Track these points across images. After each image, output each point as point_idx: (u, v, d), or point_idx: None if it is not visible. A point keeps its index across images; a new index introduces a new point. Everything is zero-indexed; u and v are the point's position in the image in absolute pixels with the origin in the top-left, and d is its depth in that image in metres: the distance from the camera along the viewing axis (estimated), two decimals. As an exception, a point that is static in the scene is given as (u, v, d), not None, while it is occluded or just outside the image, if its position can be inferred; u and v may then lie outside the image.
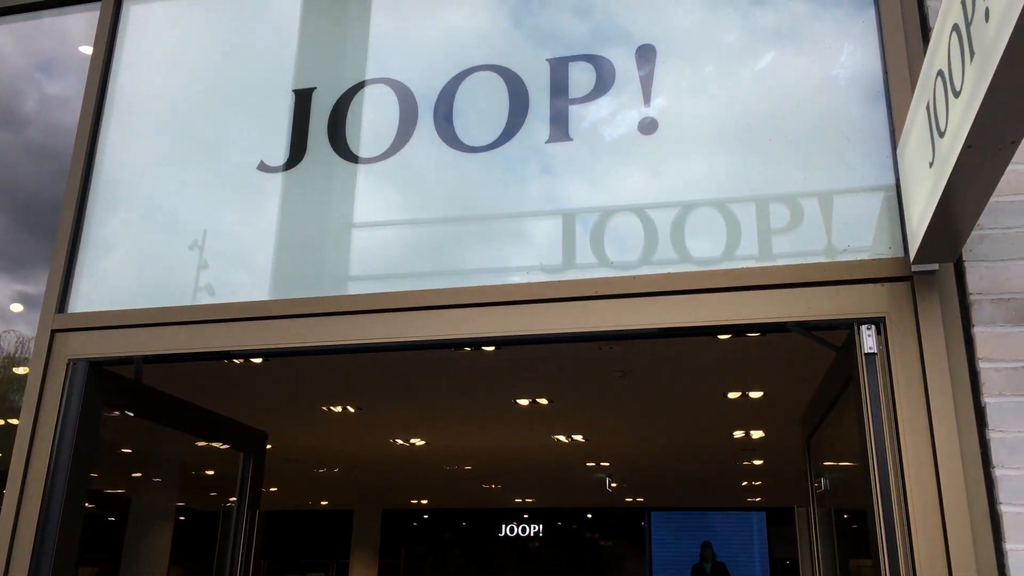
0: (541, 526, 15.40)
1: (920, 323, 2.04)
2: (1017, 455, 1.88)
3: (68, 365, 2.52)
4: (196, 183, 2.71)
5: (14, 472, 2.50)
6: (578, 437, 8.84)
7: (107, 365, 2.58)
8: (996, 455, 1.89)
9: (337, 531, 13.74)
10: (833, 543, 2.82)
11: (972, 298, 2.02)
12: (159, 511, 9.35)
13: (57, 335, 2.55)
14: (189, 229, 2.66)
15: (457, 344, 2.60)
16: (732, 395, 7.05)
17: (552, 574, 15.26)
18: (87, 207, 2.75)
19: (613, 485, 11.39)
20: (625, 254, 2.38)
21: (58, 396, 2.52)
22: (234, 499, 3.45)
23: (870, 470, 2.01)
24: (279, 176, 2.66)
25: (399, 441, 9.23)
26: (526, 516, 15.39)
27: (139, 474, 9.93)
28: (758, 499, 13.18)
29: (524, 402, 7.45)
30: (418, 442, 9.26)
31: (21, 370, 2.72)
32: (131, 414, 2.74)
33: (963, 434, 1.94)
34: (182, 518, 10.74)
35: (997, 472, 1.88)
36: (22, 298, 2.86)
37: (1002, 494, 1.86)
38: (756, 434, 8.45)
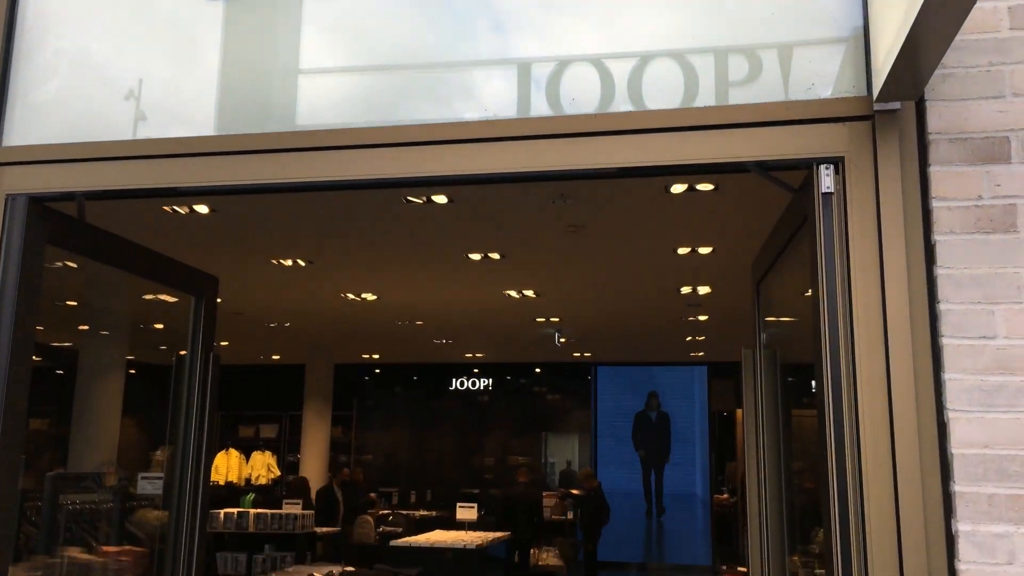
0: (491, 380, 15.81)
1: (878, 162, 2.05)
2: (962, 291, 1.94)
3: (6, 200, 2.42)
4: (136, 10, 2.54)
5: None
6: (529, 292, 8.95)
7: (47, 202, 2.48)
8: (942, 291, 1.95)
9: (290, 384, 13.95)
10: (777, 387, 2.93)
11: (931, 137, 2.02)
12: (109, 363, 9.33)
13: (-8, 168, 2.43)
14: (131, 60, 2.51)
15: (409, 183, 2.56)
16: (682, 251, 7.15)
17: (501, 426, 15.83)
18: (17, 33, 2.57)
19: (562, 340, 11.65)
20: (581, 107, 2.32)
21: (-2, 232, 2.43)
22: (184, 351, 3.43)
23: (819, 310, 2.06)
24: (220, 5, 2.50)
25: (350, 296, 9.25)
26: (476, 371, 15.76)
27: (86, 327, 9.83)
28: (701, 354, 13.65)
29: (476, 257, 7.47)
30: (369, 297, 9.29)
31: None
32: (76, 253, 2.67)
33: (912, 271, 1.99)
34: (133, 372, 10.77)
35: (942, 307, 1.94)
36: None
37: (945, 327, 1.93)
38: (703, 290, 8.65)
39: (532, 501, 10.57)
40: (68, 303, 9.06)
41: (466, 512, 8.98)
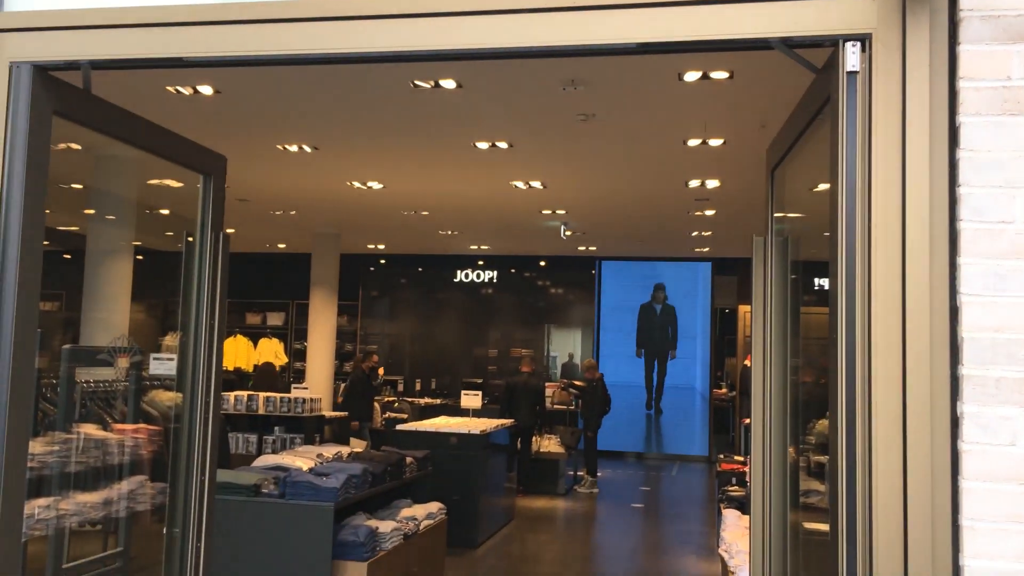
0: (495, 272, 15.88)
1: (907, 40, 1.98)
2: (983, 174, 1.91)
3: (10, 69, 2.37)
4: None
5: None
6: (536, 183, 8.88)
7: (52, 71, 2.43)
8: (963, 174, 1.92)
9: (296, 273, 14.02)
10: (787, 276, 2.93)
11: (961, 15, 1.95)
12: (116, 248, 9.35)
13: (-5, 35, 2.37)
14: (129, -80, 2.41)
15: (421, 57, 2.50)
16: (692, 143, 7.05)
17: (505, 318, 15.99)
18: None
19: (568, 233, 11.63)
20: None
21: (3, 103, 2.38)
22: (191, 238, 3.42)
23: (838, 193, 2.04)
24: None
25: (356, 184, 9.19)
26: (481, 263, 15.81)
27: (92, 211, 9.79)
28: (705, 250, 13.65)
29: (484, 146, 7.38)
30: (376, 185, 9.23)
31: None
32: (83, 125, 2.62)
33: (934, 154, 1.95)
34: (140, 257, 10.81)
35: (961, 190, 1.92)
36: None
37: (963, 211, 1.91)
38: (711, 184, 8.57)
39: (534, 390, 10.78)
40: (74, 186, 9.03)
41: (470, 400, 9.17)
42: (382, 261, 16.31)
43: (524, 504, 9.66)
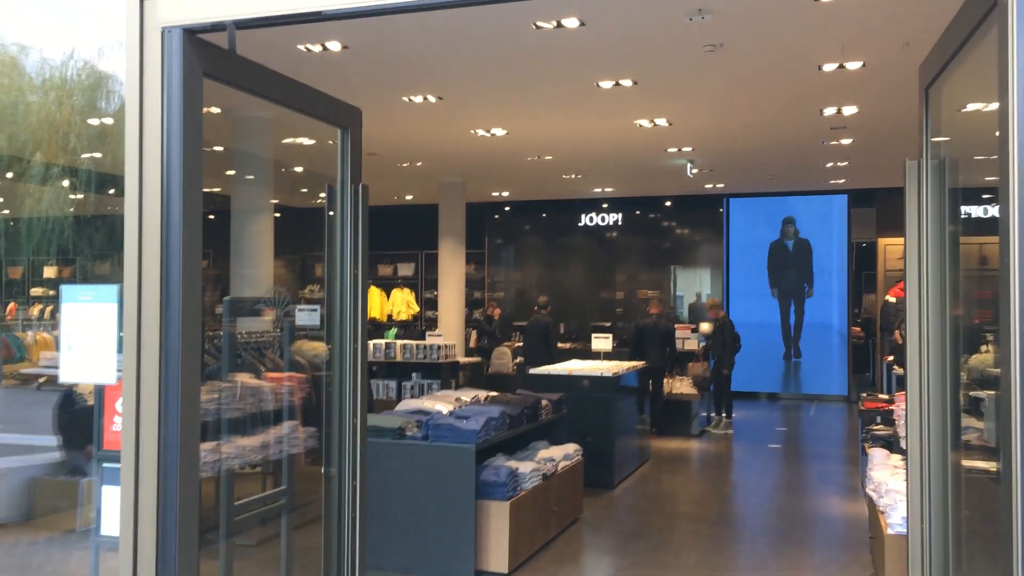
0: (620, 215, 15.70)
1: (1092, -68, 1.79)
2: None
3: (163, 34, 2.47)
4: None
5: (130, 158, 2.55)
6: (661, 121, 8.68)
7: (199, 33, 2.53)
8: None
9: (424, 224, 14.29)
10: (943, 202, 2.76)
11: None
12: (258, 206, 9.78)
13: (146, 1, 2.48)
14: None
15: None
16: (828, 67, 6.69)
17: (630, 260, 15.84)
18: None
19: (694, 171, 11.34)
20: None
21: (158, 68, 2.50)
22: (323, 197, 3.51)
23: (1008, 110, 1.88)
24: None
25: (480, 132, 9.23)
26: (605, 206, 15.66)
27: (233, 172, 10.24)
28: (841, 181, 13.02)
29: (607, 85, 7.24)
30: (499, 132, 9.24)
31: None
32: (230, 85, 2.72)
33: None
34: (277, 215, 11.26)
35: None
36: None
37: None
38: (848, 110, 8.14)
39: (664, 332, 10.67)
40: (215, 148, 9.46)
41: (601, 343, 9.17)
42: (507, 208, 16.41)
43: (658, 445, 9.65)
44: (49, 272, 11.30)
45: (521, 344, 12.89)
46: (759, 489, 8.10)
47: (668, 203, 15.44)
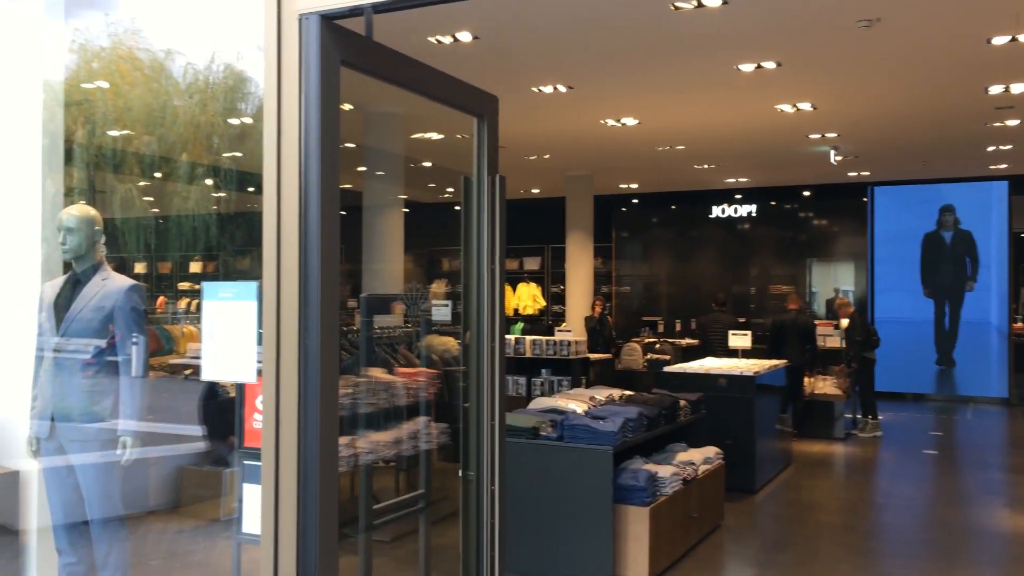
0: (754, 206, 15.05)
1: None
2: None
3: (300, 21, 2.37)
4: None
5: (268, 150, 2.47)
6: (805, 105, 8.18)
7: (336, 19, 2.42)
8: None
9: (550, 218, 14.14)
10: None
11: None
12: (388, 202, 9.85)
13: (283, -13, 2.39)
14: None
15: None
16: (998, 40, 6.09)
17: (764, 253, 15.18)
18: None
19: (838, 158, 10.70)
20: None
21: (295, 57, 2.40)
22: (449, 192, 3.38)
23: None
24: None
25: (610, 122, 8.98)
26: (738, 196, 15.05)
27: (364, 168, 10.38)
28: (1003, 167, 12.02)
29: (748, 68, 6.86)
30: (630, 121, 8.96)
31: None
32: (367, 73, 2.61)
33: None
34: (406, 210, 11.35)
35: None
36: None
37: None
38: (1017, 88, 7.43)
39: (804, 328, 10.11)
40: (347, 145, 9.60)
41: (739, 340, 8.75)
42: (634, 201, 16.06)
43: (800, 449, 9.15)
44: (195, 267, 11.81)
45: (650, 340, 12.57)
46: (916, 499, 7.51)
47: (806, 193, 14.71)
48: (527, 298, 15.95)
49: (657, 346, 12.08)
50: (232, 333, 2.66)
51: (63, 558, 3.73)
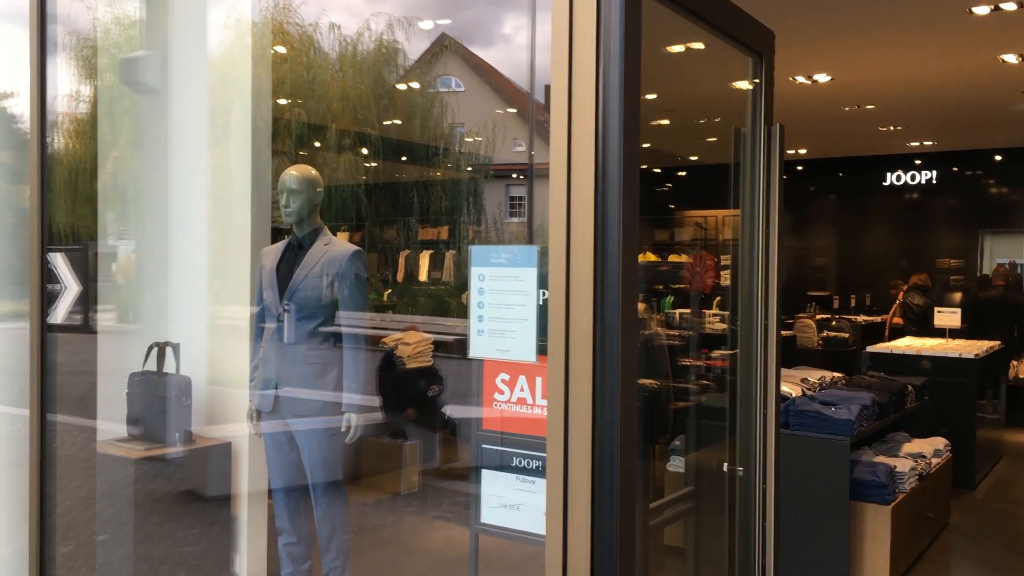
0: (935, 172, 13.83)
1: None
2: None
3: (606, -69, 1.97)
4: None
5: (557, 94, 2.10)
6: (1034, 54, 7.23)
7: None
8: None
9: (715, 185, 13.45)
10: None
11: None
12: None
13: None
14: None
15: None
16: None
17: (943, 223, 13.96)
18: None
19: (1053, 117, 9.57)
20: None
21: (592, -24, 2.01)
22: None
23: None
24: None
25: (800, 79, 8.25)
26: (918, 162, 13.87)
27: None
28: None
29: (983, 10, 6.04)
30: (822, 78, 8.21)
31: None
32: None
33: None
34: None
35: None
36: None
37: None
38: None
39: (1014, 306, 9.13)
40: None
41: (946, 318, 7.91)
42: (799, 168, 15.09)
43: (1011, 439, 8.26)
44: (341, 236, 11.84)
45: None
46: None
47: (998, 157, 13.38)
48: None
49: (833, 323, 11.27)
50: (505, 304, 2.32)
51: (283, 537, 3.56)
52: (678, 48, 3.88)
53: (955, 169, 13.87)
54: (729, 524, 2.91)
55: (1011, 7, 5.97)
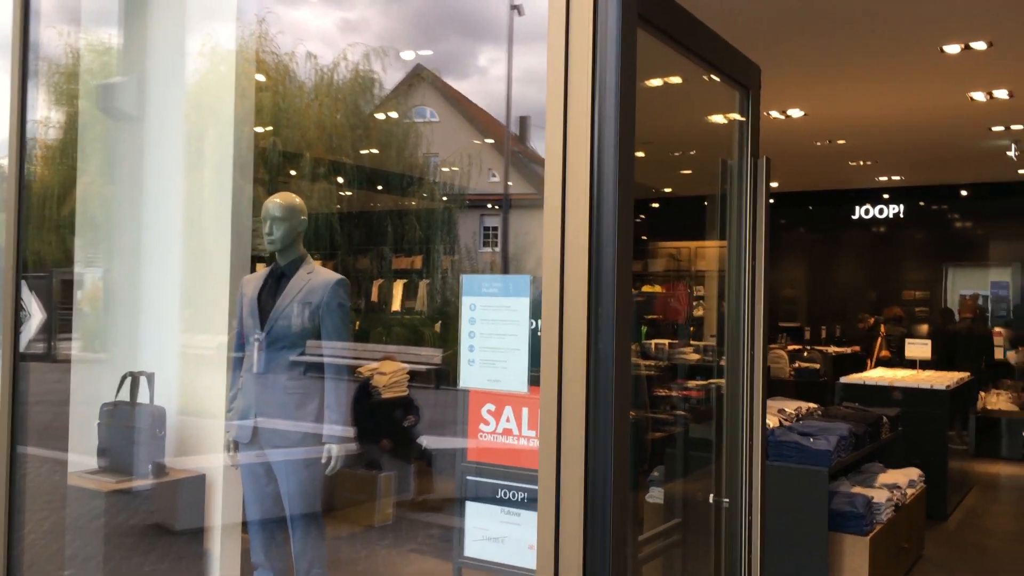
0: (902, 207, 14.10)
1: None
2: None
3: (600, -37, 1.99)
4: None
5: (552, 120, 2.10)
6: (1001, 93, 7.41)
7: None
8: None
9: (689, 217, 13.55)
10: None
11: None
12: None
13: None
14: None
15: None
16: None
17: (914, 257, 14.20)
18: None
19: (1017, 153, 9.79)
20: None
21: (589, 11, 2.02)
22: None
23: None
24: None
25: (774, 114, 8.38)
26: (886, 196, 14.12)
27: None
28: None
29: (954, 49, 6.19)
30: (796, 113, 8.35)
31: None
32: (658, 31, 2.21)
33: None
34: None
35: None
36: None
37: None
38: None
39: (980, 338, 9.27)
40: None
41: (916, 350, 8.02)
42: (770, 200, 15.24)
43: (979, 469, 8.34)
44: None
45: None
46: None
47: (964, 192, 13.66)
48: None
49: (805, 353, 11.36)
50: (497, 334, 2.29)
51: (259, 573, 3.47)
52: (656, 82, 3.92)
53: (921, 203, 14.14)
54: (715, 555, 2.89)
55: (981, 46, 6.13)
